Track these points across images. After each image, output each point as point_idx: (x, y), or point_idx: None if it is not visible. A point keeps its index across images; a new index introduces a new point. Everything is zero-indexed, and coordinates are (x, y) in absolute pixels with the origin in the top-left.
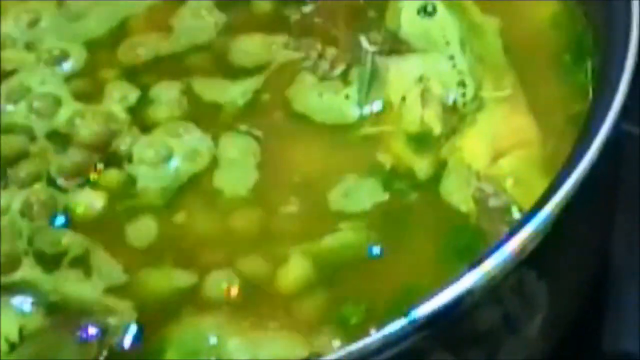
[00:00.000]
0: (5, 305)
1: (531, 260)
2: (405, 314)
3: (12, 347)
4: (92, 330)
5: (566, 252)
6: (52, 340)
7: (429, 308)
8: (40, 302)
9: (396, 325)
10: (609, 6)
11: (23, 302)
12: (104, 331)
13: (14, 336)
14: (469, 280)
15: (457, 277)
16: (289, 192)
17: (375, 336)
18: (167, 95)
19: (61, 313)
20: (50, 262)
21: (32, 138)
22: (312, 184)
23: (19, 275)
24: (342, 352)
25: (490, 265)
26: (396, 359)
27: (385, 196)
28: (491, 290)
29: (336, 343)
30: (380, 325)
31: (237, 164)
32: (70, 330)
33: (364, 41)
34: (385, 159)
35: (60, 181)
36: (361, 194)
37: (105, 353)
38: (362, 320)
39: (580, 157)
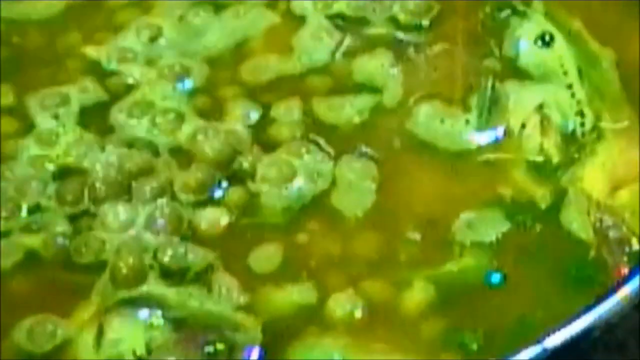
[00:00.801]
0: (133, 318)
1: None
2: (539, 341)
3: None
4: (220, 346)
5: None
6: (179, 355)
7: (562, 337)
8: (167, 315)
9: (530, 352)
10: None
11: (150, 316)
12: (231, 347)
13: (140, 349)
14: (601, 310)
15: (589, 308)
16: (409, 217)
17: None
18: (288, 114)
19: (188, 327)
20: (175, 276)
21: (156, 153)
22: (432, 209)
23: (145, 288)
24: None
25: (620, 297)
26: None
27: (508, 226)
28: (616, 322)
29: None
30: (499, 352)
31: (356, 187)
32: (198, 345)
33: (483, 67)
34: (507, 190)
35: (184, 197)
36: (484, 226)
37: None
38: (480, 347)
39: None
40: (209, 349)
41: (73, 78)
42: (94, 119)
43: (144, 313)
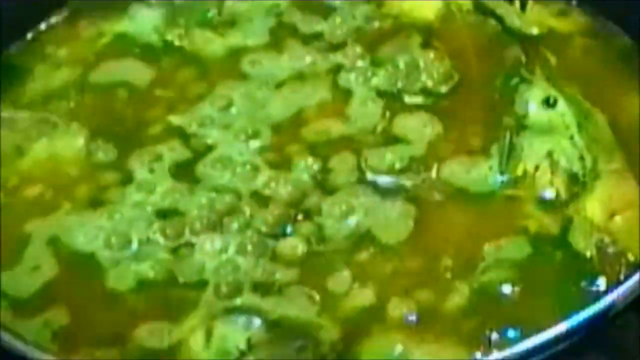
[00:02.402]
0: (234, 322)
1: None
2: (567, 318)
3: (242, 353)
4: (307, 342)
5: None
6: (275, 349)
7: (587, 314)
8: (261, 319)
9: (562, 326)
10: None
11: (248, 320)
12: (315, 343)
13: (243, 345)
14: (612, 297)
15: (602, 296)
16: (446, 243)
17: (541, 336)
18: (343, 164)
19: (280, 328)
20: (264, 290)
21: (238, 197)
22: (465, 238)
23: (240, 300)
24: (520, 347)
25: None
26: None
27: (527, 248)
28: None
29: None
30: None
31: (399, 222)
32: (289, 342)
33: (500, 124)
34: (525, 221)
35: (265, 229)
36: (508, 248)
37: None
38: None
39: None
40: (299, 343)
41: (162, 140)
42: (183, 172)
43: (242, 318)
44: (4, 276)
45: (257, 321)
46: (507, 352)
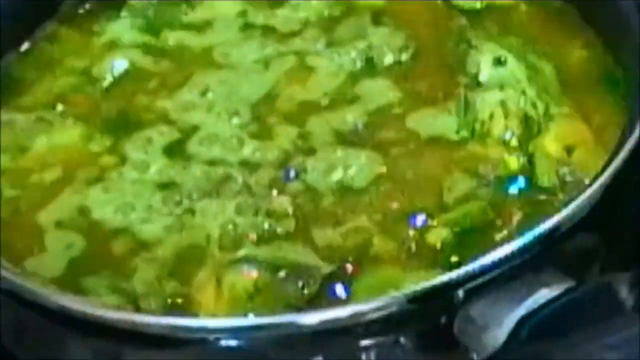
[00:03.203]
0: (240, 270)
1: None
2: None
3: (251, 296)
4: (308, 279)
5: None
6: (280, 288)
7: (548, 225)
8: (264, 266)
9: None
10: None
11: (253, 267)
12: (314, 279)
13: (250, 288)
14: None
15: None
16: (418, 187)
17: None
18: (318, 127)
19: (282, 270)
20: (263, 242)
21: (230, 165)
22: (434, 180)
23: (242, 252)
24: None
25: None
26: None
27: (494, 182)
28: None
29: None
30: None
31: (373, 170)
32: (292, 281)
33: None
34: (490, 160)
35: (259, 190)
36: (477, 184)
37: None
38: None
39: (622, 144)
40: (302, 282)
41: (151, 126)
42: (175, 151)
43: (246, 266)
44: (32, 263)
45: (261, 267)
46: (470, 267)
